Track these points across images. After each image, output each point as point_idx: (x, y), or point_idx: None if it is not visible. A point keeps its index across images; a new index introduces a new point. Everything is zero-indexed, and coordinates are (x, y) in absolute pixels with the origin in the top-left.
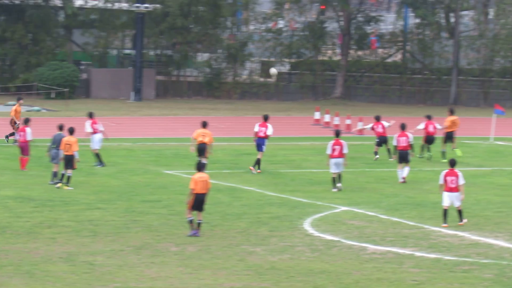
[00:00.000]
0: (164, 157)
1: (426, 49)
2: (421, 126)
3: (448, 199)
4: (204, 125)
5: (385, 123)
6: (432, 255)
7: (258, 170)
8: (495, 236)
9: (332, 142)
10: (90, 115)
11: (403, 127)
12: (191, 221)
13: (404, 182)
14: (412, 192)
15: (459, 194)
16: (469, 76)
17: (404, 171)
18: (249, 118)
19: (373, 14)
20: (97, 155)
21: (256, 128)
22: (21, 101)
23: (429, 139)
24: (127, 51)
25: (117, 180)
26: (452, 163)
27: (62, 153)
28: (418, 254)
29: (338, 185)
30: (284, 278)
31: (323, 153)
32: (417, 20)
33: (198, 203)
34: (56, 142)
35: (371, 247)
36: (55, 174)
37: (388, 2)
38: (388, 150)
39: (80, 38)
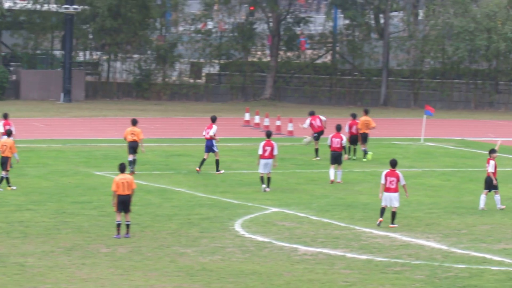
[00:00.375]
0: (94, 159)
1: (355, 50)
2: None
3: (386, 199)
4: (134, 123)
5: (322, 117)
6: (364, 256)
7: (222, 171)
8: (426, 237)
9: (263, 142)
10: (5, 116)
11: (338, 128)
12: (118, 225)
13: (332, 183)
14: (343, 193)
15: (398, 195)
16: (399, 77)
17: (338, 175)
18: (179, 119)
19: (303, 15)
20: None
21: (204, 132)
22: None
23: (352, 139)
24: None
25: (48, 181)
26: (393, 164)
27: None
28: (349, 255)
29: (267, 189)
30: (215, 279)
31: (253, 154)
32: (347, 21)
33: (122, 204)
34: None
35: (302, 248)
36: None
37: (317, 3)
38: (316, 150)
39: (9, 40)
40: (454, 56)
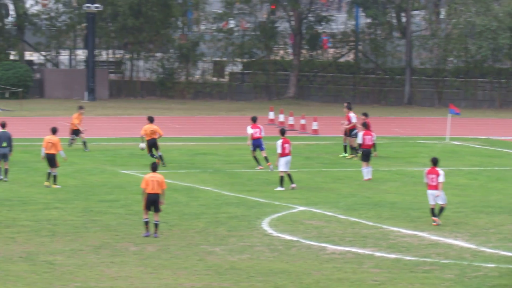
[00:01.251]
0: (120, 157)
1: (378, 49)
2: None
3: (430, 197)
4: (151, 120)
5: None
6: (392, 255)
7: (269, 163)
8: (454, 236)
9: (281, 141)
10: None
11: (365, 125)
12: (146, 223)
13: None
14: (370, 192)
15: (439, 192)
16: (422, 76)
17: (369, 172)
18: (203, 118)
19: (324, 14)
20: None
21: (250, 131)
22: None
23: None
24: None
25: (74, 180)
26: (434, 162)
27: (44, 151)
28: (377, 254)
29: (293, 185)
30: (244, 278)
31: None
32: (369, 20)
33: (150, 203)
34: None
35: (330, 247)
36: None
37: (339, 2)
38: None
39: (32, 38)
40: (478, 55)
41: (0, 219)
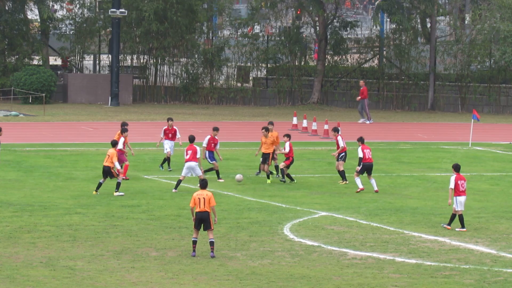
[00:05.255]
0: (143, 162)
1: (402, 54)
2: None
3: (460, 203)
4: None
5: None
6: (413, 261)
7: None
8: (475, 241)
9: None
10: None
11: (362, 140)
12: (194, 242)
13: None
14: (391, 197)
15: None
16: (446, 82)
17: (374, 184)
18: (227, 123)
19: (349, 19)
20: None
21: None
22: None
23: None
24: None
25: (96, 185)
26: (457, 168)
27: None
28: (398, 259)
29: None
30: (264, 284)
31: (300, 159)
32: (393, 26)
33: (199, 221)
34: None
35: (351, 252)
36: None
37: (364, 8)
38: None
39: (56, 43)
40: (501, 61)
41: (21, 224)
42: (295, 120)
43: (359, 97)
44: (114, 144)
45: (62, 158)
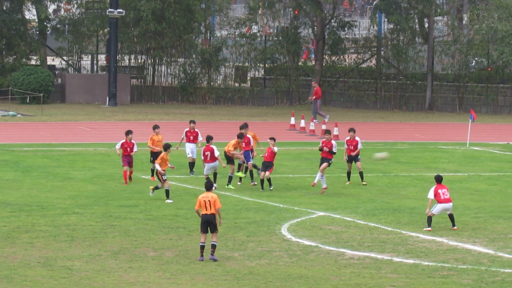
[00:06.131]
0: (140, 162)
1: (400, 54)
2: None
3: (441, 210)
4: (208, 139)
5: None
6: (410, 261)
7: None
8: (473, 241)
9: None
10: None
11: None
12: (202, 247)
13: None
14: (389, 197)
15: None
16: (444, 82)
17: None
18: (224, 123)
19: (347, 19)
20: None
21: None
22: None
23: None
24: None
25: (94, 185)
26: (438, 179)
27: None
28: (396, 259)
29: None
30: (262, 284)
31: (298, 158)
32: (391, 26)
33: (205, 224)
34: None
35: (349, 252)
36: None
37: (362, 8)
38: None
39: (54, 43)
40: (499, 61)
41: (19, 224)
42: (292, 120)
43: (313, 97)
44: (167, 147)
45: (60, 158)
